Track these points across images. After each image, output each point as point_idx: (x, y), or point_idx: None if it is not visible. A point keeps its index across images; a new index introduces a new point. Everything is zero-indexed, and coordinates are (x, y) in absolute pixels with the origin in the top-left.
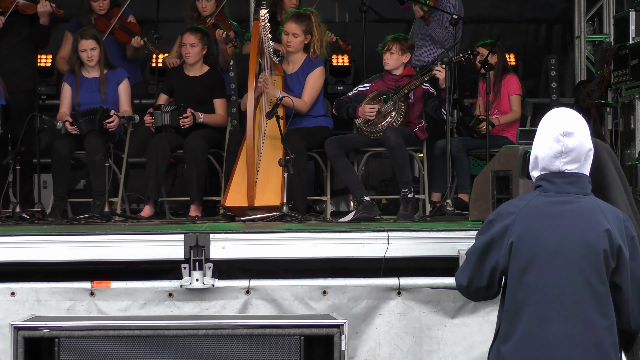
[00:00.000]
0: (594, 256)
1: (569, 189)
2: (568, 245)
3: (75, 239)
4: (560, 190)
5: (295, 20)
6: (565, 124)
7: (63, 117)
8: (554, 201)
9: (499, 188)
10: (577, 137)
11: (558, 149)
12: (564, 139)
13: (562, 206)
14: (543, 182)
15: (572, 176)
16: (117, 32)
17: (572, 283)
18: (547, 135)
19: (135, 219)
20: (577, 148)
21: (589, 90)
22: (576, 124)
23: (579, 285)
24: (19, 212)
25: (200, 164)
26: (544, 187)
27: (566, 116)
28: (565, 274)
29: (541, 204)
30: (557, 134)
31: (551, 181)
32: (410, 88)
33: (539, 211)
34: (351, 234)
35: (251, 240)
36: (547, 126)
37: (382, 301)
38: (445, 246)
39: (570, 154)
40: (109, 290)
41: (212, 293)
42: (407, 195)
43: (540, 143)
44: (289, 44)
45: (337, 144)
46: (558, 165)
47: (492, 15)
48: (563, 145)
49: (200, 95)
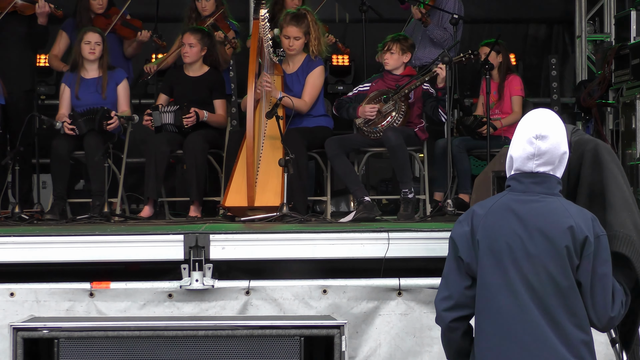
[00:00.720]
0: (557, 253)
1: (535, 188)
2: (530, 242)
3: (75, 239)
4: (527, 189)
5: (295, 23)
6: (539, 126)
7: (62, 118)
8: (520, 199)
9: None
10: (551, 140)
11: (530, 151)
12: (536, 141)
13: (526, 205)
14: (512, 181)
15: (540, 176)
16: (120, 28)
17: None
18: (521, 137)
19: (134, 220)
20: (549, 151)
21: (590, 90)
22: (550, 127)
23: (544, 282)
24: (18, 212)
25: (200, 164)
26: (512, 186)
27: (541, 119)
28: (530, 271)
29: (507, 202)
30: (530, 136)
31: (519, 181)
32: (410, 88)
33: (504, 210)
34: (351, 234)
35: (251, 241)
36: (522, 128)
37: (383, 301)
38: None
39: (543, 157)
40: (109, 291)
41: (212, 294)
42: (408, 196)
43: (515, 144)
44: (291, 47)
45: (337, 144)
46: (530, 166)
47: (493, 15)
48: (535, 147)
49: (199, 96)
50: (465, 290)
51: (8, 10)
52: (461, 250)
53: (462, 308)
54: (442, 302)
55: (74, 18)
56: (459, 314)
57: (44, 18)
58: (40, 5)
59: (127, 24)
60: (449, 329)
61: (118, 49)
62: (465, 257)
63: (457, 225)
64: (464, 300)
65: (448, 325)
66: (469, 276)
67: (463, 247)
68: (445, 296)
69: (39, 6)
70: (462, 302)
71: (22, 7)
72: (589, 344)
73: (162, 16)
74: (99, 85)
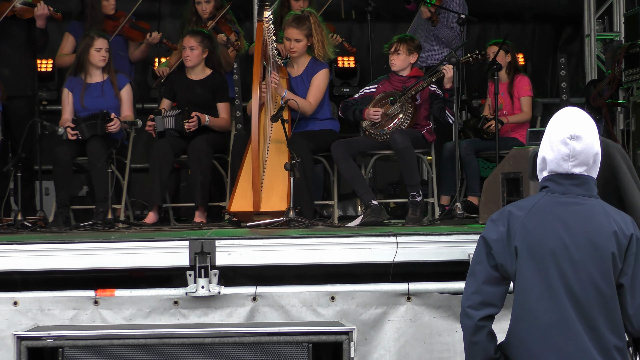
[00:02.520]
0: (601, 259)
1: (575, 190)
2: (575, 248)
3: (78, 246)
4: (567, 191)
5: (296, 26)
6: (574, 126)
7: (65, 123)
8: (561, 202)
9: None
10: (585, 140)
11: (566, 152)
12: (571, 142)
13: (569, 207)
14: (550, 182)
15: (579, 178)
16: (128, 30)
17: (580, 287)
18: (555, 138)
19: (139, 226)
20: (584, 151)
21: (600, 89)
22: (584, 127)
23: (587, 289)
24: (21, 220)
25: (204, 169)
26: (550, 187)
27: (575, 118)
28: (573, 277)
29: (549, 204)
30: (564, 136)
31: (558, 182)
32: (417, 89)
33: (546, 212)
34: (359, 238)
35: (257, 246)
36: (555, 128)
37: (392, 307)
38: (455, 250)
39: (578, 157)
40: (113, 298)
41: (218, 300)
42: (416, 199)
43: (548, 145)
44: (292, 49)
45: (343, 147)
46: (566, 167)
47: (500, 14)
48: (571, 148)
49: (202, 99)
50: (495, 288)
51: (7, 14)
52: (495, 250)
53: (490, 306)
54: (470, 299)
55: (78, 21)
56: (488, 312)
57: (43, 21)
58: (40, 8)
59: (136, 26)
60: (476, 328)
61: (124, 52)
62: (499, 258)
63: (491, 224)
64: (492, 298)
65: (476, 324)
66: (500, 275)
67: (497, 247)
68: (473, 292)
69: (38, 9)
70: (490, 300)
71: (21, 10)
72: (623, 351)
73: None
74: (102, 89)
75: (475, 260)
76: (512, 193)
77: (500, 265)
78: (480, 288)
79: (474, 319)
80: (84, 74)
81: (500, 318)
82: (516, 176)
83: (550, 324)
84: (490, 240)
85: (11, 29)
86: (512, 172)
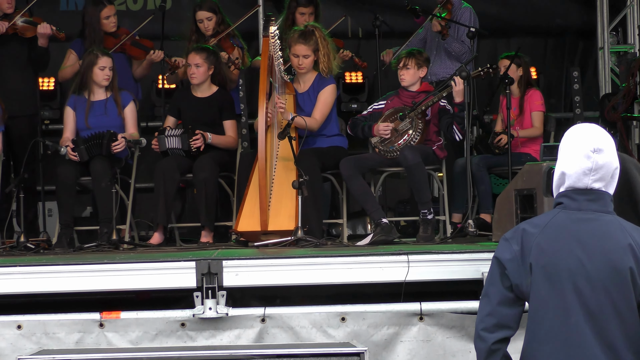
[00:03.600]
0: (619, 275)
1: (590, 206)
2: (592, 267)
3: (83, 268)
4: (582, 207)
5: (303, 41)
6: (595, 140)
7: (66, 142)
8: (576, 218)
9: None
10: (607, 154)
11: (588, 166)
12: (594, 155)
13: (583, 224)
14: (564, 199)
15: (594, 193)
16: (130, 48)
17: (597, 305)
18: (576, 151)
19: (144, 247)
20: (606, 165)
21: (614, 103)
22: (606, 141)
23: (604, 307)
24: (24, 241)
25: (210, 188)
26: (565, 204)
27: (595, 132)
28: (591, 296)
29: (564, 220)
30: (587, 150)
31: (573, 198)
32: (427, 104)
33: (561, 229)
34: (369, 257)
35: (265, 267)
36: (576, 141)
37: (404, 327)
38: (468, 269)
39: (599, 171)
40: (119, 321)
41: (226, 322)
42: (427, 217)
43: (568, 159)
44: (301, 66)
45: (352, 164)
46: (586, 182)
47: (511, 27)
48: (593, 162)
49: (209, 117)
50: (510, 310)
51: (8, 30)
52: (510, 270)
53: (505, 328)
54: (484, 321)
55: (80, 38)
56: (503, 335)
57: (45, 40)
58: (42, 27)
59: (138, 44)
60: (490, 352)
61: (127, 69)
62: (514, 279)
63: (504, 243)
64: (507, 320)
65: (490, 347)
66: (515, 296)
67: (512, 267)
68: (487, 314)
69: (41, 27)
70: (505, 322)
71: (23, 29)
72: None
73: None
74: (105, 107)
75: (488, 281)
76: (525, 210)
77: (515, 286)
78: (494, 310)
79: (488, 343)
80: (87, 92)
81: (515, 337)
82: (530, 192)
83: (566, 344)
84: (503, 260)
85: (12, 47)
86: (526, 188)
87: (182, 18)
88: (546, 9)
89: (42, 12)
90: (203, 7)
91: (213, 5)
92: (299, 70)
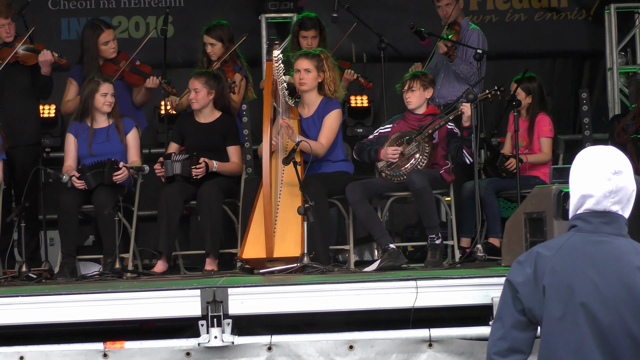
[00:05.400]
0: (633, 299)
1: (605, 228)
2: (606, 289)
3: (86, 297)
4: (597, 230)
5: (305, 57)
6: (615, 162)
7: (69, 170)
8: (590, 241)
9: (533, 231)
10: (626, 176)
11: (609, 189)
12: (614, 177)
13: (597, 246)
14: (578, 221)
15: (609, 216)
16: (128, 75)
17: (610, 331)
18: (597, 174)
19: (148, 275)
20: (625, 187)
21: (624, 124)
22: (624, 162)
23: (618, 332)
24: (26, 271)
25: (214, 214)
26: (579, 226)
27: (615, 154)
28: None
29: (578, 243)
30: (608, 172)
31: (587, 220)
32: (434, 128)
33: (575, 251)
34: (377, 283)
35: (271, 294)
36: (595, 164)
37: (413, 354)
38: (477, 294)
39: (619, 194)
40: (123, 351)
41: (232, 351)
42: (435, 242)
43: (588, 182)
44: (302, 81)
45: (359, 189)
46: (605, 205)
47: (519, 49)
48: (613, 184)
49: (212, 143)
50: (523, 334)
51: (9, 60)
52: (522, 293)
53: (518, 353)
54: (496, 345)
55: (80, 65)
56: (515, 359)
57: (48, 68)
58: (43, 55)
59: (136, 70)
60: None
61: (127, 96)
62: (526, 302)
63: (517, 266)
64: (520, 344)
65: None
66: (527, 320)
67: (524, 290)
68: (500, 338)
69: (42, 55)
70: (518, 346)
71: (24, 57)
72: None
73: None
74: (108, 134)
75: (501, 304)
76: (535, 234)
77: (528, 310)
78: (507, 333)
79: None
80: (90, 120)
81: None
82: (539, 216)
83: None
84: (516, 283)
85: (14, 76)
86: (535, 211)
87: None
88: (554, 30)
89: (43, 41)
90: (210, 33)
91: (222, 34)
92: (300, 87)
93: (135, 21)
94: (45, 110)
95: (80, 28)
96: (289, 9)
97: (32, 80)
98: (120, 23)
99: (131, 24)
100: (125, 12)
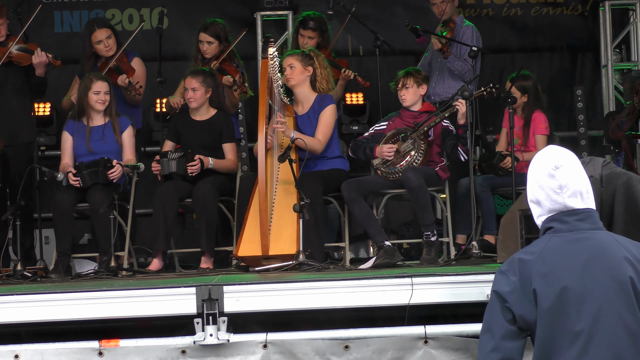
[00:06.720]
0: (623, 289)
1: (582, 225)
2: (595, 284)
3: (81, 296)
4: (574, 228)
5: (290, 55)
6: (553, 158)
7: (66, 168)
8: (571, 239)
9: (528, 228)
10: (569, 169)
11: (556, 184)
12: (556, 172)
13: (581, 243)
14: (554, 223)
15: (582, 212)
16: (111, 72)
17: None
18: (540, 175)
19: (143, 273)
20: (572, 179)
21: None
22: (564, 157)
23: (613, 325)
24: (20, 270)
25: (210, 212)
26: (555, 228)
27: (553, 151)
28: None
29: (558, 244)
30: (549, 169)
31: (563, 221)
32: (430, 125)
33: (558, 252)
34: (372, 281)
35: (267, 292)
36: (537, 166)
37: (408, 351)
38: (473, 291)
39: (569, 186)
40: (118, 349)
41: (228, 348)
42: (430, 239)
43: (535, 185)
44: (288, 76)
45: (354, 186)
46: (561, 200)
47: (513, 45)
48: (558, 178)
49: (208, 140)
50: (514, 343)
51: (3, 60)
52: (511, 302)
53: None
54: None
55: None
56: None
57: (42, 69)
58: (37, 56)
59: (118, 69)
60: None
61: (120, 94)
62: (516, 310)
63: (501, 276)
64: (512, 353)
65: None
66: (517, 328)
67: (512, 299)
68: (492, 350)
69: (37, 56)
70: (510, 355)
71: (18, 57)
72: None
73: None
74: (103, 133)
75: (488, 316)
76: (530, 230)
77: (519, 317)
78: (498, 344)
79: None
80: (86, 118)
81: None
82: None
83: None
84: (503, 293)
85: (8, 76)
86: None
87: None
88: (550, 26)
89: (36, 34)
90: (207, 31)
91: (218, 31)
92: (287, 83)
93: (129, 13)
94: (40, 109)
95: (73, 21)
96: (284, 7)
97: (26, 80)
98: (113, 16)
99: (124, 17)
100: (118, 4)
